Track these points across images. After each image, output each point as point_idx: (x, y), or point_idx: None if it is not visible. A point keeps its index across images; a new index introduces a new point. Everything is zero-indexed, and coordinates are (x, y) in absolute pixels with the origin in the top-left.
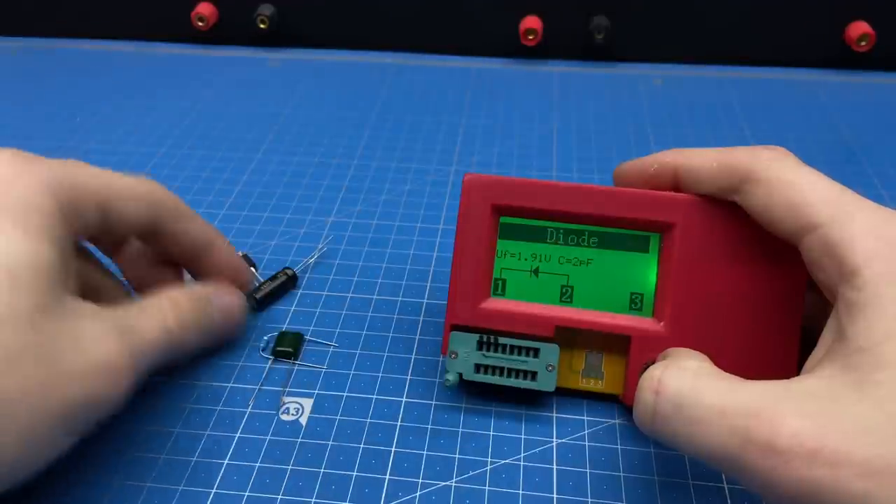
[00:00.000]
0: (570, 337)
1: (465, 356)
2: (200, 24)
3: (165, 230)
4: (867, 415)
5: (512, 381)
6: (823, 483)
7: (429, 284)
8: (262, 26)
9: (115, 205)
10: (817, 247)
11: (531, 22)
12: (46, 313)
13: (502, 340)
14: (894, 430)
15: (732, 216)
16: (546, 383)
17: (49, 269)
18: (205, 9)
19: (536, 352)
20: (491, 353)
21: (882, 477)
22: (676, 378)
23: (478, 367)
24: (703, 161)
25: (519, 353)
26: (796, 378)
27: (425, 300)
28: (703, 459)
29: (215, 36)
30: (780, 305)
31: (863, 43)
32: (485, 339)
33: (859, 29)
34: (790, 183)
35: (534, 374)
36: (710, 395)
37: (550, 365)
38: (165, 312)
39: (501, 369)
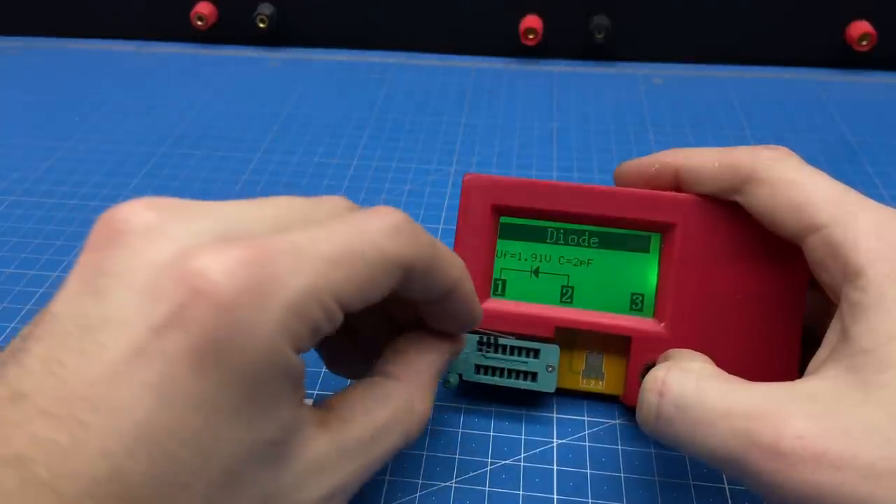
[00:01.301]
0: (570, 337)
1: (465, 357)
2: (200, 23)
3: (411, 288)
4: (871, 417)
5: (512, 382)
6: (827, 486)
7: None
8: (261, 26)
9: (364, 299)
10: (820, 247)
11: (531, 21)
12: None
13: (502, 341)
14: None
15: (733, 216)
16: (546, 384)
17: (274, 447)
18: (204, 8)
19: (536, 352)
20: (491, 354)
21: (885, 479)
22: (680, 379)
23: (478, 368)
24: (705, 161)
25: (519, 354)
26: (800, 380)
27: None
28: (707, 461)
29: (215, 35)
30: (781, 305)
31: (864, 42)
32: (485, 339)
33: (860, 28)
34: (793, 183)
35: (534, 375)
36: (714, 396)
37: (550, 366)
38: (411, 429)
39: (501, 370)
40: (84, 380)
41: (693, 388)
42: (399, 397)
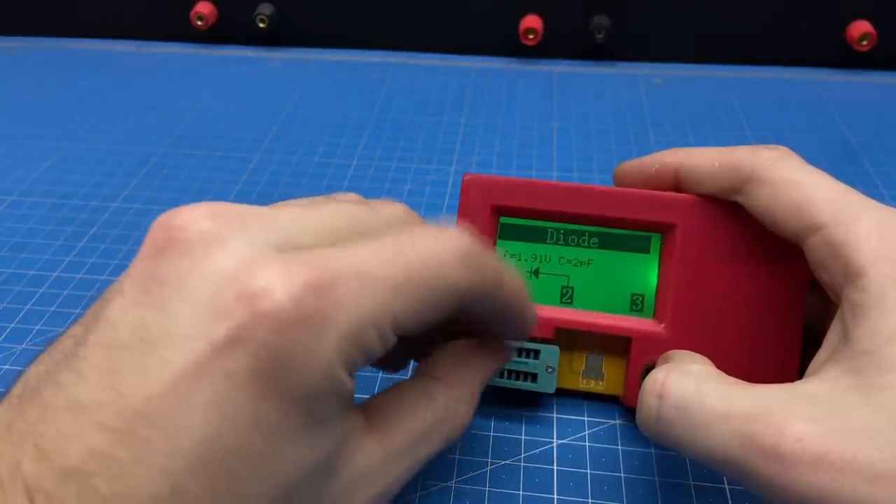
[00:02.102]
0: (570, 338)
1: None
2: (200, 23)
3: (470, 309)
4: (872, 418)
5: (512, 383)
6: (828, 488)
7: None
8: (261, 26)
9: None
10: (821, 247)
11: (531, 21)
12: None
13: None
14: None
15: (734, 216)
16: (546, 385)
17: (329, 466)
18: (204, 8)
19: (536, 353)
20: None
21: (885, 482)
22: (680, 382)
23: None
24: (705, 161)
25: (519, 355)
26: (800, 381)
27: None
28: (707, 463)
29: (215, 35)
30: (781, 306)
31: (864, 42)
32: None
33: (860, 28)
34: (794, 183)
35: (534, 376)
36: (714, 399)
37: (550, 366)
38: (450, 436)
39: (501, 371)
40: (144, 395)
41: (693, 391)
42: (444, 400)
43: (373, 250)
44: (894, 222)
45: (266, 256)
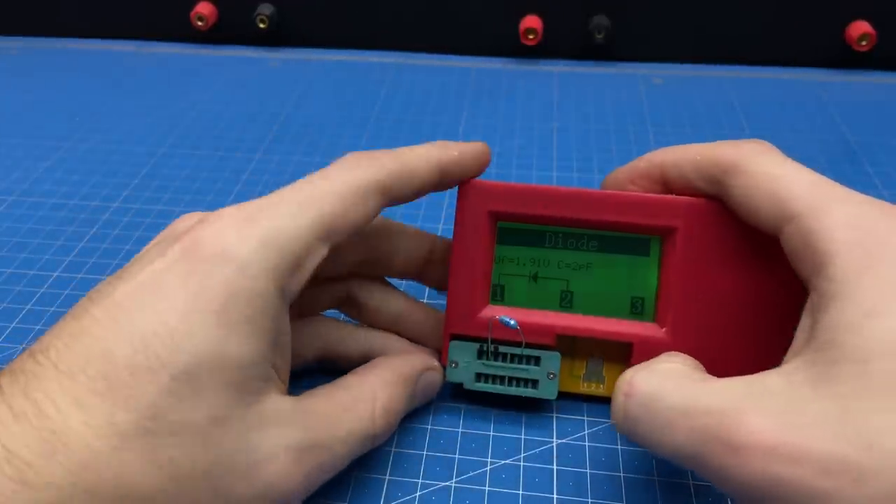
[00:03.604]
0: (571, 343)
1: (466, 365)
2: (200, 23)
3: (403, 195)
4: (823, 411)
5: (513, 390)
6: (783, 479)
7: (428, 288)
8: (261, 26)
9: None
10: (795, 237)
11: (531, 22)
12: (224, 426)
13: (503, 349)
14: (852, 426)
15: (734, 219)
16: (548, 391)
17: (240, 369)
18: (204, 8)
19: (537, 360)
20: (491, 362)
21: (836, 474)
22: (647, 379)
23: (479, 377)
24: (687, 154)
25: (520, 362)
26: (760, 374)
27: (425, 303)
28: (672, 459)
29: (215, 36)
30: (783, 308)
31: (863, 42)
32: (485, 347)
33: (860, 28)
34: (773, 175)
35: (535, 382)
36: (675, 396)
37: (552, 373)
38: (374, 414)
39: (502, 378)
40: (115, 290)
41: (657, 388)
42: (359, 386)
43: (282, 193)
44: (868, 211)
45: (224, 210)
